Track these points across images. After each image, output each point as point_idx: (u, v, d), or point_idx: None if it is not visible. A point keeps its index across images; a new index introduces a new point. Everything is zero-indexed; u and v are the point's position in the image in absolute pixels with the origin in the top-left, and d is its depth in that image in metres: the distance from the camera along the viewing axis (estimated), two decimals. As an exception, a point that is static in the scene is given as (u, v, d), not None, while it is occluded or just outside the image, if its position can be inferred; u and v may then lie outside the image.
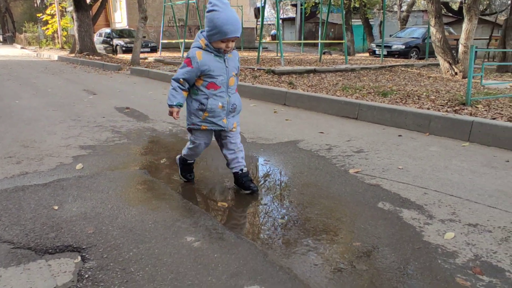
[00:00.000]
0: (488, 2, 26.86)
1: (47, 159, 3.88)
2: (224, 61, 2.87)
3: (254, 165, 3.79)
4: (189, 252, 2.21)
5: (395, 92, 6.96)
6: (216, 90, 2.87)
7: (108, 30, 24.18)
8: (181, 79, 2.85)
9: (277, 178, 3.47)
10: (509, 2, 12.27)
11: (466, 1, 10.24)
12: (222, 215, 2.71)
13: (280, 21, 35.49)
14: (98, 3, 20.68)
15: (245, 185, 3.06)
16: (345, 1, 19.48)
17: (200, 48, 2.82)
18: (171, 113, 2.97)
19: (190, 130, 3.09)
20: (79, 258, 2.16)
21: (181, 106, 2.93)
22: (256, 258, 2.16)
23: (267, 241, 2.36)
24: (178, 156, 3.36)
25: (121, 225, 2.52)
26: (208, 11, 2.73)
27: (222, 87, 2.88)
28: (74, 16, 18.87)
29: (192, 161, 3.30)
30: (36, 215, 2.66)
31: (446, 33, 11.62)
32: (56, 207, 2.77)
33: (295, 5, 33.48)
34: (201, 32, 2.85)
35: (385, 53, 16.96)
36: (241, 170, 3.07)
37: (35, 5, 50.74)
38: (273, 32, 42.20)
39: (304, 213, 2.71)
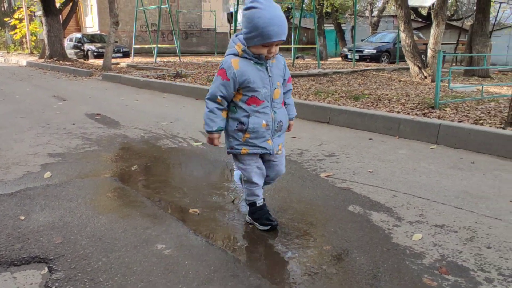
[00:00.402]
0: (455, 8, 27.63)
1: (13, 167, 3.78)
2: (267, 69, 2.36)
3: (226, 171, 3.79)
4: (160, 260, 2.19)
5: (366, 96, 7.08)
6: (259, 105, 2.36)
7: (79, 35, 23.79)
8: (218, 97, 2.33)
9: (249, 183, 3.47)
10: (475, 8, 12.65)
11: (434, 7, 10.52)
12: (194, 222, 2.70)
13: (254, 26, 35.63)
14: (68, 8, 20.32)
15: (261, 220, 2.57)
16: (317, 6, 19.72)
17: (236, 55, 2.34)
18: (211, 141, 2.47)
19: (233, 155, 2.54)
20: (46, 269, 2.11)
21: (222, 130, 2.44)
22: (227, 264, 2.15)
23: (239, 247, 2.36)
24: (245, 200, 2.67)
25: (90, 234, 2.47)
26: (247, 8, 2.23)
27: (265, 101, 2.37)
28: (43, 21, 18.48)
29: (261, 199, 2.60)
30: (1, 226, 2.59)
31: (416, 38, 11.90)
32: (22, 217, 2.70)
33: (268, 10, 33.67)
34: (236, 36, 2.39)
35: (357, 57, 17.25)
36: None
37: (2, 9, 49.43)
38: (247, 36, 42.26)
39: (276, 218, 2.72)
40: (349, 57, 18.62)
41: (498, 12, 17.40)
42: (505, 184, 3.35)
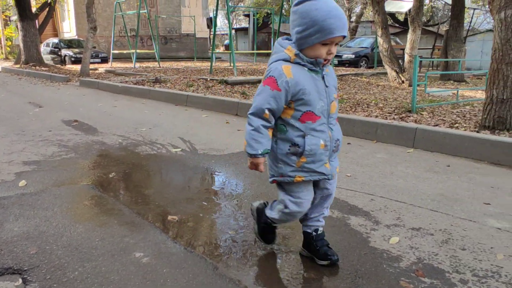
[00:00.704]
0: (431, 13, 28.20)
1: (-13, 176, 3.69)
2: (323, 78, 1.98)
3: (206, 177, 3.78)
4: (138, 268, 2.17)
5: (345, 101, 7.16)
6: (315, 122, 1.97)
7: (56, 40, 23.44)
8: (266, 112, 1.93)
9: (228, 189, 3.46)
10: (450, 14, 12.94)
11: (410, 13, 10.73)
12: (172, 229, 2.68)
13: (233, 31, 35.69)
14: (45, 12, 20.03)
15: (319, 252, 2.19)
16: (296, 12, 19.86)
17: (287, 60, 1.94)
18: (255, 166, 2.06)
19: (278, 184, 2.15)
20: (20, 280, 2.07)
21: (268, 153, 2.04)
22: (205, 271, 2.14)
23: (217, 254, 2.35)
24: (255, 208, 2.41)
25: (66, 244, 2.43)
26: (299, 3, 1.90)
27: (322, 117, 1.99)
28: (19, 26, 18.15)
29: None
30: (-27, 236, 2.52)
31: (393, 43, 12.09)
32: (-4, 227, 2.64)
33: (248, 15, 33.84)
34: (283, 39, 2.03)
35: (336, 62, 17.42)
36: (316, 231, 2.24)
37: (-23, 14, 48.41)
38: (226, 42, 42.36)
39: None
40: (328, 62, 18.81)
41: (472, 18, 17.83)
42: (479, 186, 3.42)
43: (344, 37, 1.89)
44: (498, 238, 2.50)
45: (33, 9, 18.71)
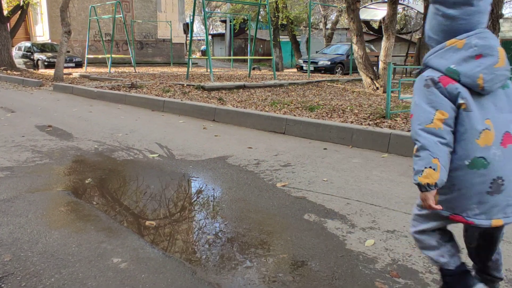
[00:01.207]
0: (404, 22, 28.82)
1: (-42, 183, 3.60)
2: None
3: (183, 183, 3.77)
4: (116, 274, 2.16)
5: (321, 107, 7.25)
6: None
7: (28, 43, 22.93)
8: (443, 127, 1.59)
9: (206, 194, 3.47)
10: (422, 22, 13.28)
11: (385, 21, 10.96)
12: (150, 234, 2.67)
13: (210, 37, 35.66)
14: (17, 15, 19.59)
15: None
16: (273, 18, 20.04)
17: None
18: (429, 206, 1.63)
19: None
20: (-6, 288, 2.03)
21: (443, 183, 1.61)
22: (184, 276, 2.15)
23: (196, 259, 2.35)
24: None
25: (42, 250, 2.40)
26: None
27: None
28: (-11, 29, 17.72)
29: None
30: None
31: (368, 50, 12.32)
32: (-32, 235, 2.58)
33: (224, 21, 33.90)
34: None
35: (312, 68, 17.61)
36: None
37: None
38: (203, 47, 42.28)
39: (233, 228, 2.74)
40: (304, 68, 18.98)
41: (443, 26, 18.29)
42: (451, 190, 3.52)
43: None
44: (469, 240, 2.58)
45: (5, 12, 18.29)
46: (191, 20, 14.19)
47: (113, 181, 3.78)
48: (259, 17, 14.78)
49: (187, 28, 29.23)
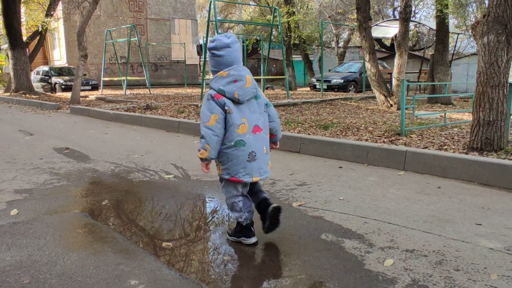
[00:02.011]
0: (416, 38, 28.82)
1: (-22, 205, 3.66)
2: None
3: (199, 204, 3.78)
4: (133, 296, 2.15)
5: (335, 125, 7.24)
6: None
7: (46, 68, 23.48)
8: None
9: (221, 214, 3.47)
10: (435, 39, 13.26)
11: (397, 38, 10.98)
12: (167, 255, 2.67)
13: (223, 58, 36.03)
14: (36, 41, 20.12)
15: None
16: (285, 38, 20.22)
17: None
18: (204, 170, 2.80)
19: None
20: (14, 311, 2.04)
21: (212, 158, 2.75)
22: (202, 298, 2.13)
23: (212, 280, 2.34)
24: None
25: (60, 272, 2.41)
26: None
27: None
28: (9, 54, 18.19)
29: None
30: (-35, 267, 2.49)
31: (380, 68, 12.32)
32: (-12, 257, 2.61)
33: (237, 42, 34.26)
34: None
35: (325, 87, 17.64)
36: None
37: (-33, 43, 48.44)
38: (216, 68, 42.63)
39: (249, 248, 2.73)
40: (317, 87, 19.03)
41: (456, 42, 18.23)
42: (470, 207, 3.47)
43: None
44: (491, 258, 2.52)
45: (24, 38, 18.80)
46: (204, 42, 14.39)
47: (129, 202, 3.80)
48: (272, 37, 14.93)
49: (201, 49, 29.64)
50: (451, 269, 2.40)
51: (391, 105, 10.71)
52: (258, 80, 28.85)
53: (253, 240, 2.79)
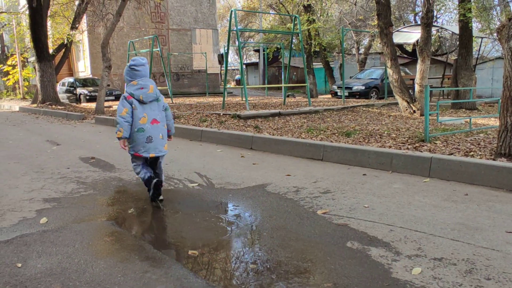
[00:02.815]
0: (438, 43, 28.46)
1: (9, 214, 3.76)
2: None
3: (224, 212, 3.80)
4: (160, 303, 2.17)
5: (358, 132, 7.19)
6: None
7: (71, 79, 24.02)
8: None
9: (246, 222, 3.48)
10: (458, 43, 13.08)
11: (419, 44, 10.86)
12: (193, 263, 2.69)
13: (244, 66, 36.27)
14: (61, 53, 20.65)
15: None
16: (306, 46, 20.23)
17: None
18: (122, 147, 4.06)
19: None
20: (45, 317, 2.08)
21: (126, 137, 4.00)
22: (228, 305, 2.14)
23: (238, 287, 2.35)
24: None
25: (89, 280, 2.46)
26: None
27: None
28: (37, 67, 18.71)
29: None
30: (-2, 274, 2.56)
31: (402, 74, 12.21)
32: (19, 265, 2.68)
33: (257, 51, 34.48)
34: None
35: (346, 94, 17.55)
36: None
37: (-4, 56, 49.99)
38: (237, 77, 43.01)
39: (275, 256, 2.73)
40: (338, 94, 18.94)
41: (480, 46, 17.92)
42: (499, 214, 3.39)
43: None
44: (523, 267, 2.46)
45: (50, 50, 19.31)
46: (226, 51, 14.51)
47: (154, 211, 3.85)
48: (292, 45, 14.95)
49: (222, 58, 29.88)
50: (481, 278, 2.35)
51: (414, 111, 10.58)
52: (279, 88, 28.91)
53: (153, 180, 3.88)
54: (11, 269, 2.62)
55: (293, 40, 15.59)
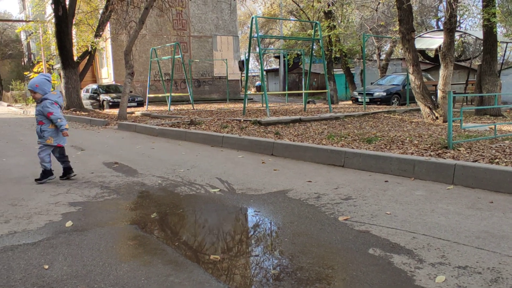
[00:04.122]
0: (462, 49, 28.05)
1: (36, 217, 3.86)
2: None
3: (245, 217, 3.82)
4: (183, 307, 2.20)
5: (379, 138, 7.13)
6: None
7: (95, 86, 24.51)
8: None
9: (268, 228, 3.49)
10: (481, 48, 12.87)
11: (442, 49, 10.73)
12: (215, 268, 2.71)
13: (264, 73, 36.38)
14: (85, 60, 21.10)
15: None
16: (326, 52, 20.20)
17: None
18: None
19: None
20: (72, 318, 2.13)
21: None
22: (250, 310, 2.15)
23: (261, 293, 2.35)
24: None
25: (114, 282, 2.50)
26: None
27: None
28: (62, 73, 19.16)
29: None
30: (26, 275, 2.63)
31: (424, 79, 12.06)
32: (46, 267, 2.75)
33: (278, 57, 34.56)
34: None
35: (367, 100, 17.44)
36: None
37: (23, 63, 51.40)
38: (257, 83, 43.14)
39: (296, 262, 2.73)
40: (359, 100, 18.83)
41: (505, 51, 17.60)
42: (526, 223, 3.32)
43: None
44: (551, 277, 2.41)
45: (75, 58, 19.75)
46: (246, 58, 14.60)
47: (177, 215, 3.89)
48: (313, 51, 14.95)
49: (242, 65, 30.05)
50: (508, 287, 2.31)
51: (437, 118, 10.44)
52: (299, 94, 28.78)
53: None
54: (39, 271, 2.69)
55: (314, 47, 15.58)
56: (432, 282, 2.40)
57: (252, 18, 12.48)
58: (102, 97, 22.56)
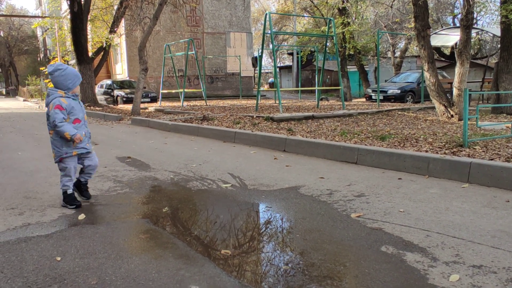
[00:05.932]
0: (478, 46, 27.64)
1: (49, 210, 3.89)
2: (79, 102, 4.14)
3: (257, 212, 3.80)
4: (194, 301, 2.20)
5: (393, 136, 7.06)
6: (79, 123, 4.06)
7: (109, 81, 24.68)
8: (63, 120, 3.98)
9: (279, 224, 3.47)
10: (499, 46, 12.66)
11: (458, 46, 10.57)
12: (226, 263, 2.70)
13: (278, 69, 36.31)
14: (100, 56, 21.27)
15: (82, 191, 4.24)
16: (340, 49, 20.06)
17: (62, 96, 3.97)
18: (78, 140, 4.08)
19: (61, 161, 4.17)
20: (83, 309, 2.14)
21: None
22: (261, 305, 2.14)
23: (272, 288, 2.34)
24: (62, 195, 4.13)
25: (125, 275, 2.51)
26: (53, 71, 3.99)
27: (82, 120, 4.10)
28: (77, 69, 19.33)
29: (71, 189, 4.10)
30: (38, 266, 2.65)
31: (440, 77, 11.90)
32: (58, 258, 2.77)
33: (291, 54, 34.44)
34: (52, 89, 4.05)
35: (381, 97, 17.27)
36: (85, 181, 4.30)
37: (38, 59, 52.06)
38: (270, 80, 43.07)
39: (308, 259, 2.71)
40: (373, 97, 18.67)
41: (523, 49, 17.24)
42: (544, 223, 3.25)
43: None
44: None
45: (90, 53, 19.91)
46: (260, 54, 14.56)
47: (188, 210, 3.89)
48: (326, 48, 14.86)
49: (255, 61, 30.00)
50: (523, 287, 2.26)
51: (452, 116, 10.30)
52: (312, 91, 28.66)
53: None
54: (51, 262, 2.71)
55: (327, 43, 15.48)
56: (446, 281, 2.36)
57: (266, 14, 12.43)
58: (116, 92, 22.72)
